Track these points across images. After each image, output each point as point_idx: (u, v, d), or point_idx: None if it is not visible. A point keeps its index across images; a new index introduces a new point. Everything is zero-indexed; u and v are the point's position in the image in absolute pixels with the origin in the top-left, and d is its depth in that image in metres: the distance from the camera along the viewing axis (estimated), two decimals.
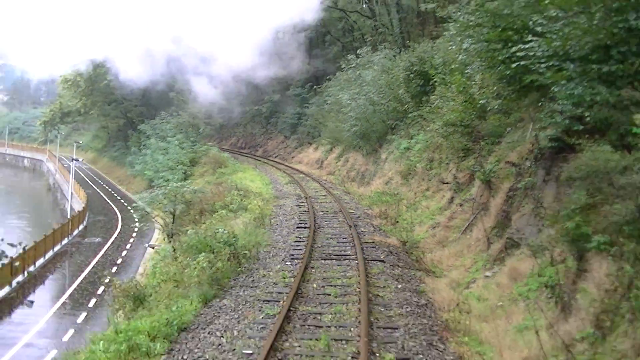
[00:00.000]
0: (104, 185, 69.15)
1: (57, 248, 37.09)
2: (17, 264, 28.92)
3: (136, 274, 31.05)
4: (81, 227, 44.18)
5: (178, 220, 30.51)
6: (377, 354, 10.56)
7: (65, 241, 39.12)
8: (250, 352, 10.83)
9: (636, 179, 9.73)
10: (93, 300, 27.36)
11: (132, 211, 46.23)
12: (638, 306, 8.65)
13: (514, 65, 14.74)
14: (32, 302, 23.65)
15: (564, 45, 12.86)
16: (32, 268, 32.08)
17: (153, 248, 37.98)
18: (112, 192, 64.04)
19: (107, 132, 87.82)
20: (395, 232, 23.23)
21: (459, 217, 21.79)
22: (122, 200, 58.69)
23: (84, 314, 25.29)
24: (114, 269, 32.91)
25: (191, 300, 13.99)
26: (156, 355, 11.07)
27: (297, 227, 23.61)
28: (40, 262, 33.52)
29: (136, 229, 43.78)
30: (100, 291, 28.79)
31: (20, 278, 29.63)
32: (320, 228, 23.14)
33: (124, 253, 36.93)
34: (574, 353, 9.55)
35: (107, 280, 25.87)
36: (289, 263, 17.71)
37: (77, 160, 57.18)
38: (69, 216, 45.22)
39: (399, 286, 15.16)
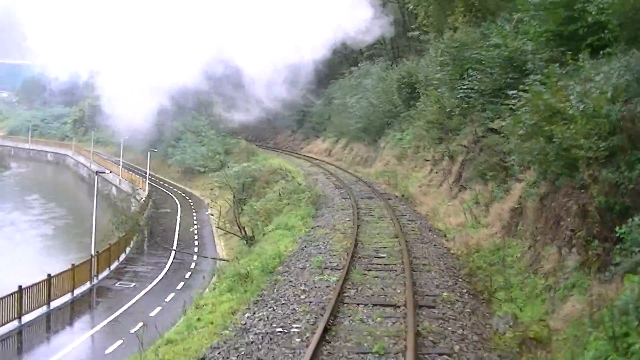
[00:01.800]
0: (142, 173, 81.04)
1: (145, 214, 50.87)
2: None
3: (212, 229, 45.08)
4: (150, 202, 57.70)
5: (244, 191, 44.18)
6: (399, 220, 24.90)
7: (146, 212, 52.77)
8: (348, 219, 25.11)
9: (503, 148, 23.87)
10: (196, 242, 41.36)
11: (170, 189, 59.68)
12: (495, 194, 22.83)
13: (459, 95, 29.02)
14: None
15: (480, 86, 27.10)
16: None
17: (213, 215, 51.77)
18: (152, 178, 76.35)
19: None
20: (396, 191, 37.14)
21: (435, 179, 35.57)
22: (164, 184, 71.60)
23: (196, 249, 39.36)
24: (196, 226, 46.77)
25: (309, 210, 28.19)
26: (310, 222, 25.46)
27: (336, 188, 37.62)
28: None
29: (192, 203, 57.46)
30: (196, 237, 42.84)
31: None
32: (350, 188, 37.03)
33: (195, 218, 50.62)
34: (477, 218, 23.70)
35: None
36: (344, 200, 31.91)
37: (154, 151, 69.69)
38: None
39: (404, 207, 29.70)
